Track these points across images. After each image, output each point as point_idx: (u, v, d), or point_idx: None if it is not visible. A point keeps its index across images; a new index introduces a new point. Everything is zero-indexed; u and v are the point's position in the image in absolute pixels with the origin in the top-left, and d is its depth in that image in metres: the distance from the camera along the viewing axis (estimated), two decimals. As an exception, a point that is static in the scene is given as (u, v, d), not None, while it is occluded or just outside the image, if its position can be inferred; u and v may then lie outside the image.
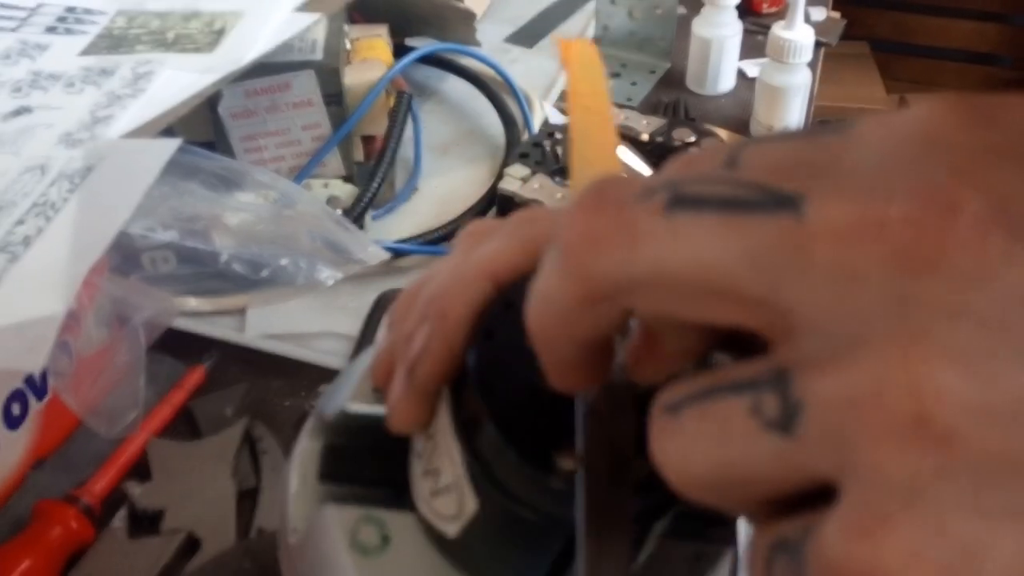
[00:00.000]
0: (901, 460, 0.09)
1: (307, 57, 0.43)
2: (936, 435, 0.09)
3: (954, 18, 1.47)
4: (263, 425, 0.37)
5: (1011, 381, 0.09)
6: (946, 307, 0.09)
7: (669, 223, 0.10)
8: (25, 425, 0.33)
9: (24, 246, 0.34)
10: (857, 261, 0.09)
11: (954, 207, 0.09)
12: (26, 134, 0.39)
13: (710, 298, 0.10)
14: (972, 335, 0.09)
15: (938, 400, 0.09)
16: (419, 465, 0.16)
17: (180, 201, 0.37)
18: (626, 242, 0.10)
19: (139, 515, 0.33)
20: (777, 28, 0.51)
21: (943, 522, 0.09)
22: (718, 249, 0.10)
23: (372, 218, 0.44)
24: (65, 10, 0.47)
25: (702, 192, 0.10)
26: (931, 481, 0.09)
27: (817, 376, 0.09)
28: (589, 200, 0.11)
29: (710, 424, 0.10)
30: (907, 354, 0.09)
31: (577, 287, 0.11)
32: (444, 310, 0.15)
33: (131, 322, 0.36)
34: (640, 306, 0.11)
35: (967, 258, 0.09)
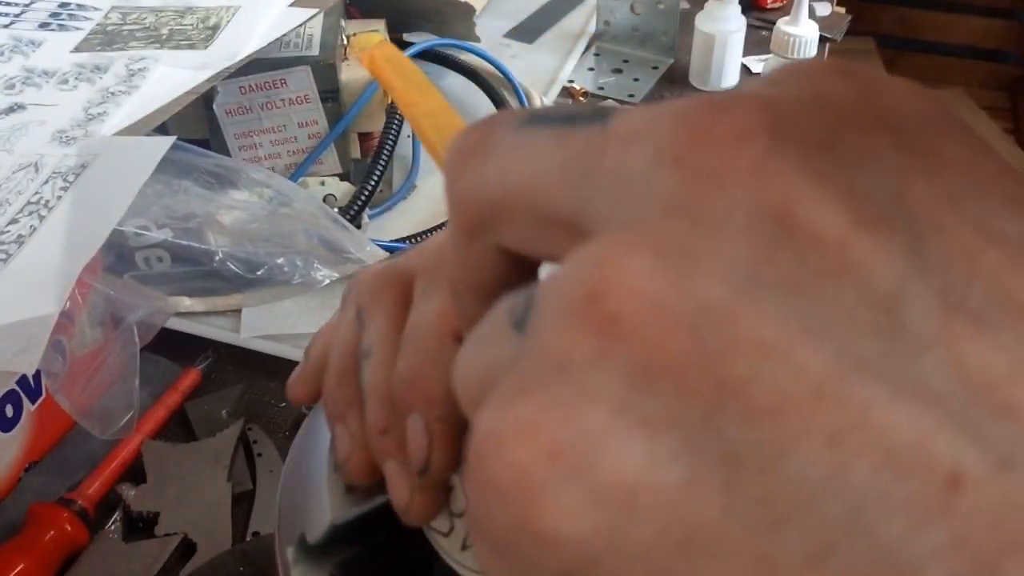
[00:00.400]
0: (560, 336, 0.08)
1: (303, 53, 0.42)
2: (601, 316, 0.08)
3: (960, 14, 1.46)
4: (259, 427, 0.36)
5: (701, 287, 0.08)
6: (669, 200, 0.08)
7: (517, 137, 0.10)
8: (19, 427, 0.33)
9: (17, 245, 0.33)
10: (629, 160, 0.09)
11: (722, 108, 0.09)
12: (19, 131, 0.39)
13: (545, 222, 0.10)
14: (683, 232, 0.08)
15: (616, 281, 0.08)
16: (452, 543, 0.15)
17: (174, 199, 0.36)
18: (482, 158, 0.10)
19: (134, 518, 0.33)
20: (782, 23, 0.50)
21: (572, 406, 0.08)
22: (542, 161, 0.10)
23: (369, 216, 0.44)
24: (59, 6, 0.46)
25: (550, 111, 0.10)
26: (582, 362, 0.08)
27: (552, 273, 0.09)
28: (472, 123, 0.11)
29: (480, 330, 0.10)
30: (612, 239, 0.08)
31: (454, 215, 0.11)
32: (429, 395, 0.14)
33: (125, 322, 0.35)
34: (505, 239, 0.11)
35: (712, 157, 0.08)
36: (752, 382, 0.08)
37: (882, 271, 0.08)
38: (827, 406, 0.07)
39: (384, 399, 0.14)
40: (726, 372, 0.08)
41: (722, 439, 0.08)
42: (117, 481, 0.34)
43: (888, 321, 0.08)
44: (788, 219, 0.08)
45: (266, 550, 0.27)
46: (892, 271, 0.08)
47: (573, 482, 0.08)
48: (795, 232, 0.08)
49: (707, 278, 0.08)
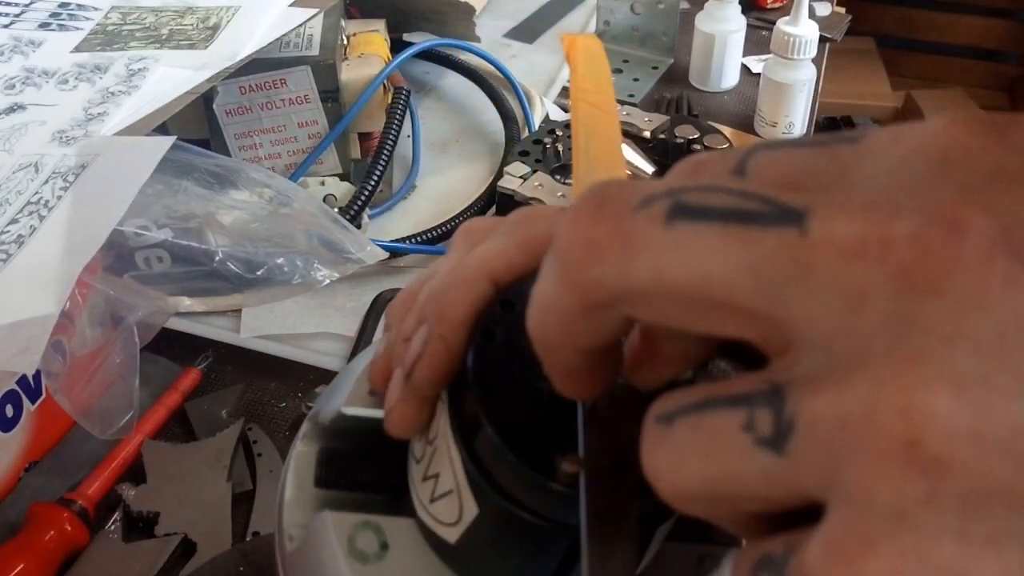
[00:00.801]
0: (888, 484, 0.09)
1: (303, 53, 0.42)
2: (926, 461, 0.09)
3: (961, 14, 1.46)
4: (259, 427, 0.36)
5: (1004, 409, 0.09)
6: (946, 331, 0.09)
7: (668, 233, 0.10)
8: (19, 427, 0.33)
9: (17, 245, 0.33)
10: (859, 279, 0.09)
11: (960, 228, 0.09)
12: (19, 131, 0.39)
13: (709, 310, 0.10)
14: (969, 360, 0.09)
15: (930, 425, 0.09)
16: (418, 470, 0.15)
17: (174, 199, 0.36)
18: (624, 251, 0.10)
19: (134, 518, 0.33)
20: (782, 23, 0.50)
21: (926, 549, 0.09)
22: (718, 261, 0.10)
23: (369, 216, 0.44)
24: (59, 6, 0.46)
25: (704, 202, 0.10)
26: (917, 507, 0.09)
27: (811, 394, 0.09)
28: (588, 206, 0.11)
29: (702, 437, 0.10)
30: (902, 377, 0.09)
31: (575, 295, 0.11)
32: (442, 311, 0.14)
33: (125, 322, 0.35)
34: (639, 315, 0.11)
35: (969, 281, 0.09)
36: None
37: None
38: None
39: (420, 313, 0.15)
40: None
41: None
42: (117, 481, 0.34)
43: None
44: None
45: (266, 550, 0.27)
46: None
47: None
48: None
49: (1009, 402, 0.09)
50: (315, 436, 0.17)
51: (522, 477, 0.13)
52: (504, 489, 0.14)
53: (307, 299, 0.40)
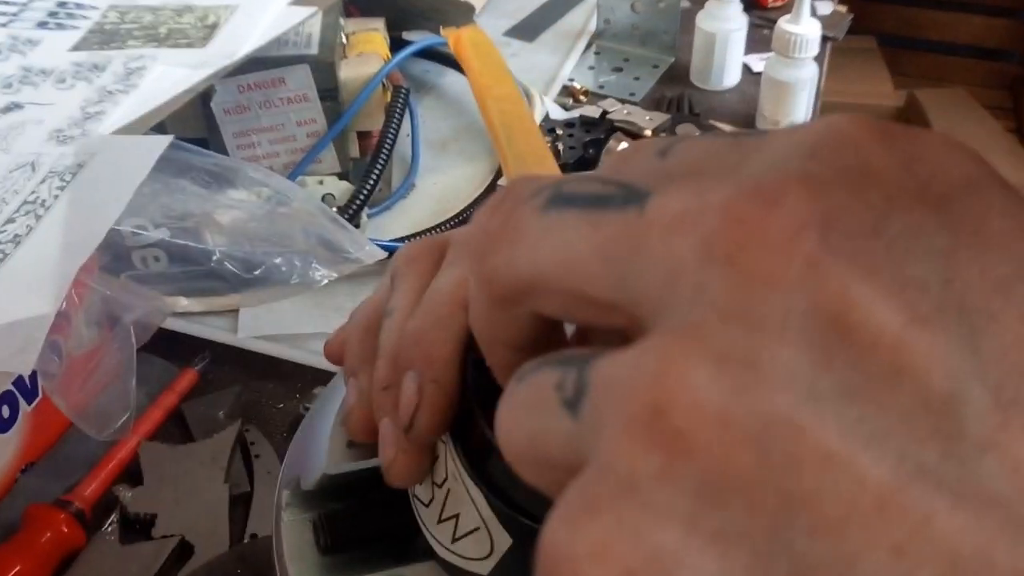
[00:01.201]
0: (627, 450, 0.08)
1: (302, 51, 0.42)
2: (667, 433, 0.08)
3: (963, 12, 1.46)
4: (256, 428, 0.36)
5: (764, 399, 0.08)
6: (727, 304, 0.08)
7: (541, 220, 0.10)
8: (15, 428, 0.33)
9: (14, 245, 0.33)
10: (674, 251, 0.09)
11: (772, 202, 0.08)
12: (16, 130, 0.39)
13: (579, 299, 0.10)
14: (742, 339, 0.08)
15: (678, 397, 0.08)
16: (430, 513, 0.15)
17: (171, 198, 0.36)
18: (509, 240, 0.10)
19: (131, 520, 0.32)
20: (783, 22, 0.50)
21: (647, 527, 0.08)
22: (576, 245, 0.10)
23: (368, 216, 0.44)
24: (56, 5, 0.46)
25: (575, 189, 0.10)
26: (650, 482, 0.08)
27: (604, 358, 0.09)
28: (494, 199, 0.11)
29: (528, 393, 0.10)
30: (669, 346, 0.08)
31: (483, 288, 0.11)
32: (428, 355, 0.14)
33: (121, 322, 0.35)
34: (539, 308, 0.11)
35: (765, 257, 0.08)
36: (818, 494, 0.08)
37: (938, 372, 0.08)
38: (891, 517, 0.07)
39: (393, 357, 0.15)
40: (792, 485, 0.08)
41: (792, 552, 0.08)
42: (114, 482, 0.34)
43: (946, 424, 0.08)
44: (843, 321, 0.08)
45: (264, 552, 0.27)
46: (948, 371, 0.08)
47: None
48: (851, 335, 0.08)
49: (768, 390, 0.08)
50: (301, 503, 0.17)
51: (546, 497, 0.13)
52: (532, 513, 0.14)
53: (305, 299, 0.40)
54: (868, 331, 0.08)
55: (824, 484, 0.08)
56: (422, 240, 0.16)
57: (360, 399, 0.16)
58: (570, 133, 0.44)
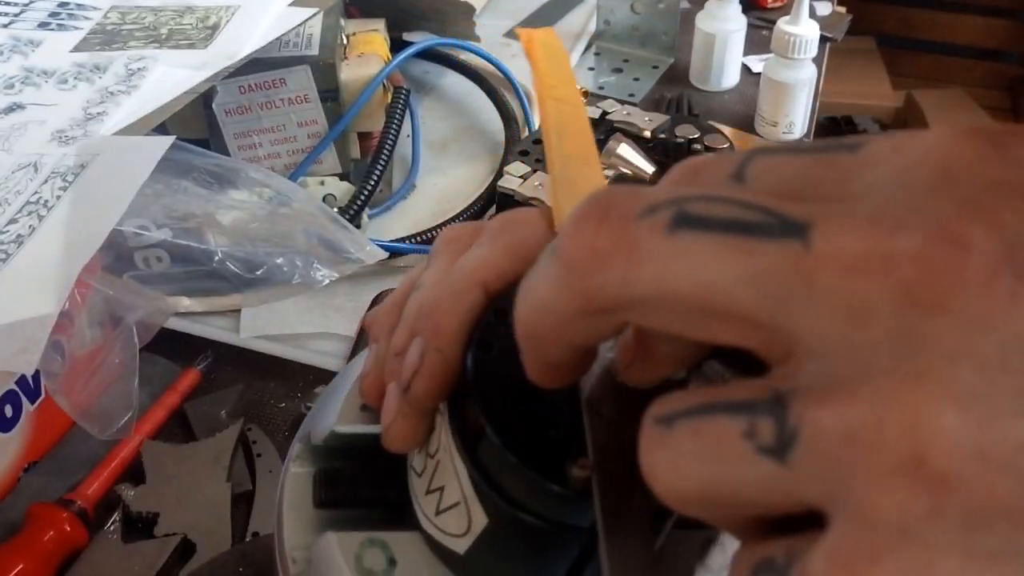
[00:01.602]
0: (893, 499, 0.09)
1: (303, 52, 0.42)
2: (930, 477, 0.09)
3: (961, 13, 1.46)
4: (258, 427, 0.36)
5: (1008, 427, 0.09)
6: (949, 348, 0.09)
7: (672, 243, 0.10)
8: (18, 427, 0.33)
9: (16, 245, 0.33)
10: (863, 294, 0.09)
11: (963, 245, 0.09)
12: (18, 131, 0.39)
13: (710, 319, 0.10)
14: (973, 378, 0.09)
15: (935, 442, 0.09)
16: (420, 484, 0.15)
17: (173, 199, 0.36)
18: (628, 260, 0.10)
19: (133, 518, 0.33)
20: (782, 23, 0.50)
21: (930, 564, 0.09)
22: (721, 271, 0.10)
23: (369, 216, 0.44)
24: (58, 5, 0.46)
25: (707, 212, 0.10)
26: (922, 523, 0.09)
27: (815, 406, 0.09)
28: (594, 212, 0.11)
29: (703, 442, 0.10)
30: (907, 393, 0.09)
31: (576, 300, 0.11)
32: (437, 324, 0.14)
33: (124, 322, 0.35)
34: (640, 321, 0.11)
35: (973, 299, 0.09)
36: None
37: None
38: None
39: (411, 326, 0.15)
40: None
41: None
42: (116, 481, 0.34)
43: None
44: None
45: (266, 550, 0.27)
46: None
47: None
48: None
49: (1011, 419, 0.09)
50: (308, 457, 0.17)
51: (529, 483, 0.13)
52: (512, 497, 0.14)
53: (307, 299, 0.40)
54: None
55: None
56: (464, 223, 0.17)
57: (376, 364, 0.16)
58: (570, 134, 0.44)
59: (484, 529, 0.14)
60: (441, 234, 0.16)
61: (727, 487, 0.10)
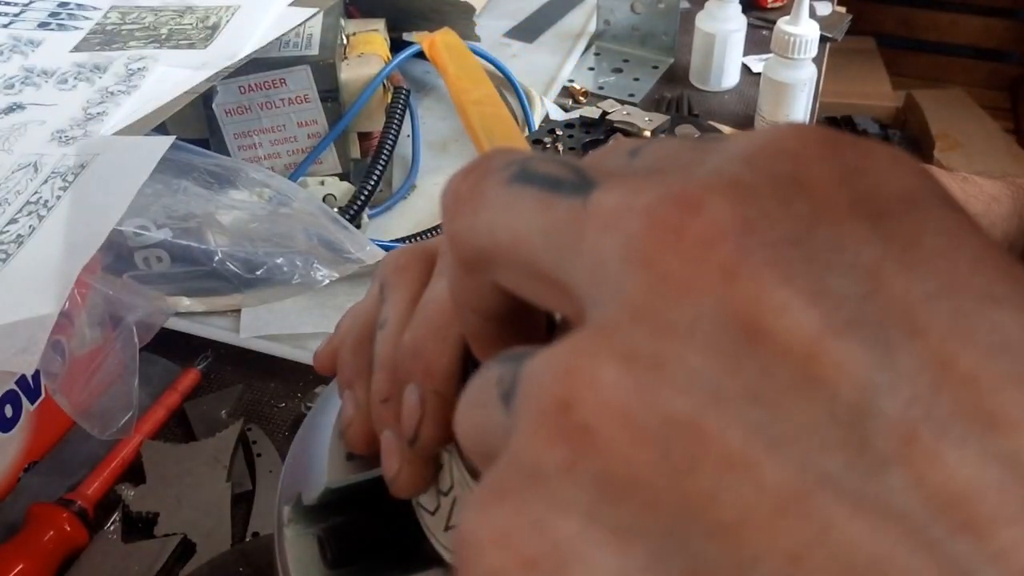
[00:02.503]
0: (534, 441, 0.09)
1: (303, 52, 0.42)
2: (573, 427, 0.08)
3: (961, 13, 1.46)
4: (258, 427, 0.36)
5: (667, 399, 0.08)
6: (637, 306, 0.09)
7: (504, 193, 0.10)
8: (18, 427, 0.33)
9: (16, 245, 0.33)
10: (602, 248, 0.09)
11: (693, 207, 0.09)
12: (18, 131, 0.39)
13: (527, 274, 0.10)
14: (649, 341, 0.08)
15: (586, 394, 0.08)
16: (436, 521, 0.15)
17: (173, 199, 0.36)
18: (473, 206, 0.11)
19: (133, 518, 0.33)
20: (782, 23, 0.50)
21: (545, 515, 0.08)
22: (526, 222, 0.10)
23: (369, 216, 0.44)
24: (58, 5, 0.46)
25: (539, 169, 0.10)
26: (552, 472, 0.08)
27: (535, 354, 0.09)
28: (471, 164, 0.11)
29: (474, 387, 0.11)
30: (583, 342, 0.09)
31: (452, 249, 0.11)
32: (428, 366, 0.14)
33: (124, 322, 0.35)
34: (498, 279, 0.11)
35: (679, 261, 0.08)
36: (716, 497, 0.08)
37: (848, 383, 0.08)
38: (789, 522, 0.07)
39: (391, 369, 0.15)
40: (691, 486, 0.08)
41: (688, 552, 0.08)
42: (116, 481, 0.34)
43: (853, 435, 0.08)
44: (755, 328, 0.08)
45: (266, 550, 0.27)
46: (858, 383, 0.08)
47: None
48: (762, 342, 0.08)
49: (673, 391, 0.08)
50: (303, 519, 0.17)
51: None
52: None
53: (307, 299, 0.40)
54: (779, 338, 0.08)
55: (723, 486, 0.08)
56: (408, 247, 0.16)
57: (358, 412, 0.16)
58: (570, 134, 0.44)
59: None
60: (385, 263, 0.16)
61: (482, 435, 0.10)
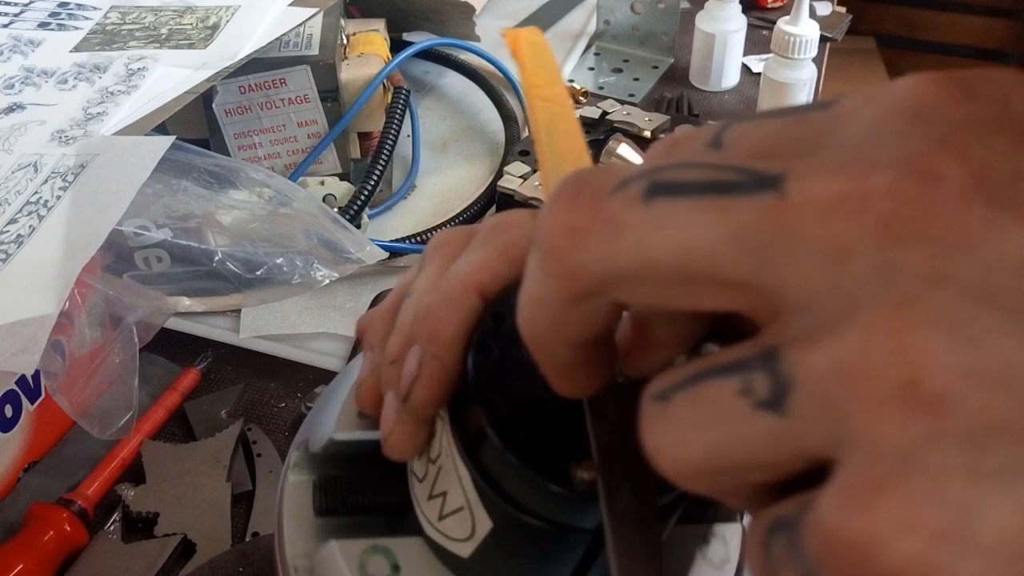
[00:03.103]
0: (892, 426, 0.09)
1: (303, 52, 0.42)
2: (926, 400, 0.09)
3: (961, 13, 1.46)
4: (258, 427, 0.36)
5: (996, 345, 0.09)
6: (930, 275, 0.09)
7: (648, 211, 0.10)
8: (18, 427, 0.33)
9: (16, 245, 0.33)
10: (841, 234, 0.09)
11: (935, 176, 0.09)
12: (18, 131, 0.39)
13: (695, 284, 0.10)
14: (956, 301, 0.09)
15: (926, 365, 0.09)
16: (422, 489, 0.15)
17: (173, 199, 0.36)
18: (606, 234, 0.10)
19: (133, 518, 0.33)
20: (782, 23, 0.50)
21: (937, 487, 0.09)
22: (700, 233, 0.10)
23: (369, 216, 0.44)
24: (58, 5, 0.46)
25: (679, 177, 0.10)
26: (923, 446, 0.09)
27: (805, 350, 0.09)
28: (566, 194, 0.11)
29: (701, 409, 0.10)
30: (893, 321, 0.09)
31: (562, 284, 0.11)
32: (434, 331, 0.14)
33: (124, 322, 0.35)
34: (628, 298, 0.11)
35: (949, 226, 0.09)
36: None
37: None
38: None
39: (406, 334, 0.15)
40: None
41: None
42: (116, 481, 0.34)
43: None
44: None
45: (266, 550, 0.27)
46: None
47: (969, 553, 0.08)
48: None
49: (1001, 338, 0.09)
50: (306, 464, 0.17)
51: (532, 486, 0.13)
52: (516, 500, 0.14)
53: (307, 299, 0.40)
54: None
55: None
56: (455, 228, 0.17)
57: (371, 373, 0.16)
58: (570, 134, 0.44)
59: (488, 533, 0.14)
60: (432, 239, 0.16)
61: (731, 451, 0.10)
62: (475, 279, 0.14)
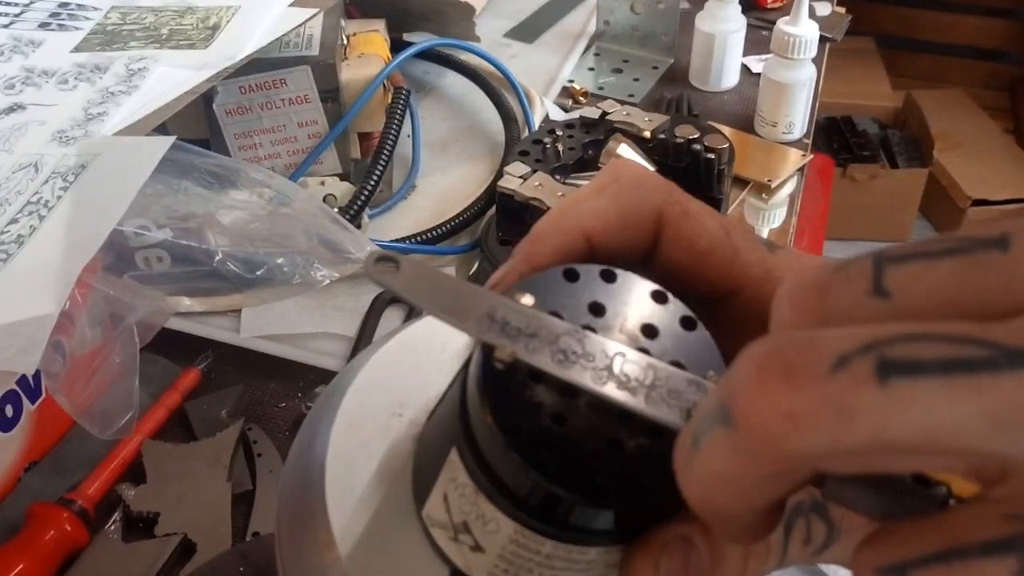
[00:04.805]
0: None
1: (303, 53, 0.42)
2: None
3: (961, 14, 1.46)
4: (259, 427, 0.36)
5: None
6: None
7: (888, 394, 0.09)
8: (18, 427, 0.33)
9: (17, 245, 0.33)
10: None
11: None
12: (19, 131, 0.39)
13: (929, 456, 0.10)
14: None
15: None
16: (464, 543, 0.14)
17: (174, 199, 0.36)
18: (837, 420, 0.10)
19: (133, 518, 0.33)
20: (782, 23, 0.50)
21: None
22: (952, 413, 0.09)
23: (369, 216, 0.44)
24: (58, 6, 0.46)
25: (914, 354, 0.10)
26: None
27: None
28: (772, 371, 0.10)
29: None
30: None
31: (767, 467, 0.10)
32: (530, 254, 0.14)
33: (125, 322, 0.35)
34: (840, 469, 0.10)
35: None
36: None
37: None
38: None
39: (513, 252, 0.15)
40: None
41: None
42: (117, 481, 0.34)
43: None
44: None
45: (266, 550, 0.27)
46: None
47: None
48: None
49: None
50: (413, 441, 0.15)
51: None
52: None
53: (307, 299, 0.40)
54: None
55: None
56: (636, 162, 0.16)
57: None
58: (570, 134, 0.45)
59: None
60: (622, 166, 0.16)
61: None
62: (588, 223, 0.14)
